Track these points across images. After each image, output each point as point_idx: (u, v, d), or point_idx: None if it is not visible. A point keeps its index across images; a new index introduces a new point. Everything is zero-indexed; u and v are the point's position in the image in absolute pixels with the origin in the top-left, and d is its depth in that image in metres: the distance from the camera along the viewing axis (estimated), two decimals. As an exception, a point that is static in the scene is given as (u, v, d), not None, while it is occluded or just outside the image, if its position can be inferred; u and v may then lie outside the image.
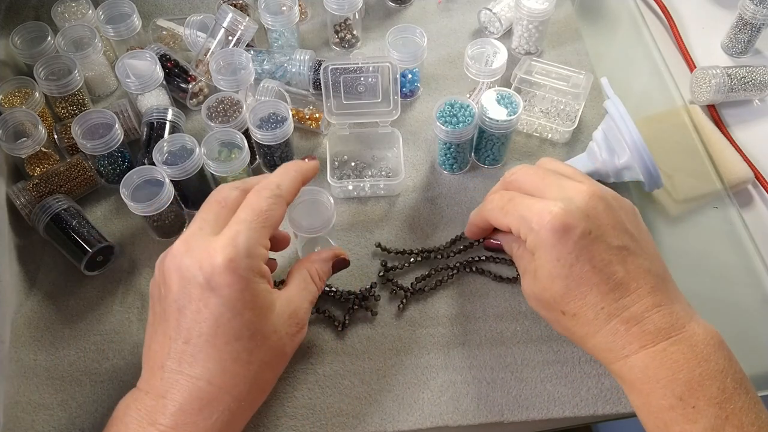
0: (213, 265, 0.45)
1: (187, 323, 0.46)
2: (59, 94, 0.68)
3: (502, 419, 0.55)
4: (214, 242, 0.47)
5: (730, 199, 0.69)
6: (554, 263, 0.48)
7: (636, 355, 0.46)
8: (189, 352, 0.46)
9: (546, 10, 0.73)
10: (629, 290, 0.47)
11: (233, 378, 0.46)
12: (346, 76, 0.65)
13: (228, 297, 0.45)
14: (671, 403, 0.44)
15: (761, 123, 0.77)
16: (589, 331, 0.48)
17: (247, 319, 0.46)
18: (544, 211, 0.48)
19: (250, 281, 0.46)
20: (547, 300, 0.50)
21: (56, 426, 0.55)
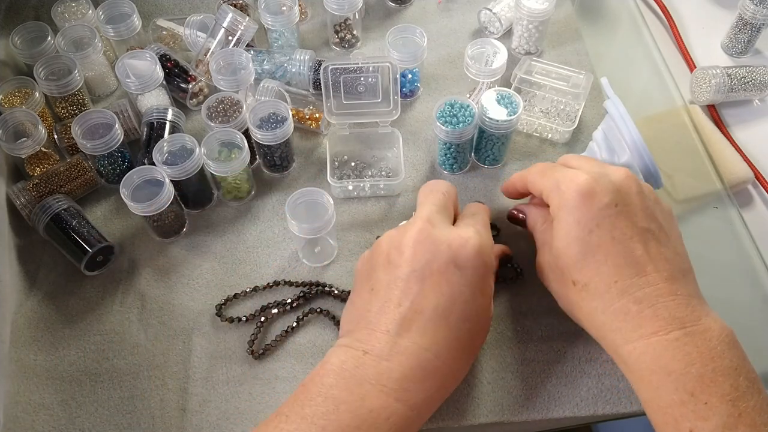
0: (465, 246, 0.48)
1: (423, 294, 0.47)
2: (59, 94, 0.68)
3: (502, 419, 0.55)
4: (463, 230, 0.50)
5: (730, 199, 0.69)
6: (573, 225, 0.48)
7: (647, 340, 0.44)
8: (420, 322, 0.46)
9: (546, 10, 0.73)
10: (646, 272, 0.46)
11: (455, 357, 0.47)
12: (346, 76, 0.65)
13: (471, 277, 0.48)
14: (682, 398, 0.42)
15: (761, 123, 0.77)
16: (599, 305, 0.47)
17: (479, 305, 0.49)
18: (576, 176, 0.50)
19: (490, 270, 0.50)
20: (560, 266, 0.49)
21: (56, 426, 0.56)
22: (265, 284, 0.62)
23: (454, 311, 0.47)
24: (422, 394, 0.45)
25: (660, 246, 0.48)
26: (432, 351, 0.46)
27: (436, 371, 0.46)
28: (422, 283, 0.47)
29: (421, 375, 0.45)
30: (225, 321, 0.60)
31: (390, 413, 0.44)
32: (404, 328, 0.46)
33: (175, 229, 0.65)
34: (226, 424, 0.55)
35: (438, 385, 0.46)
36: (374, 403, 0.43)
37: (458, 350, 0.48)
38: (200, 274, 0.63)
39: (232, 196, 0.67)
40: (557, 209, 0.50)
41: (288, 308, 0.60)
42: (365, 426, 0.43)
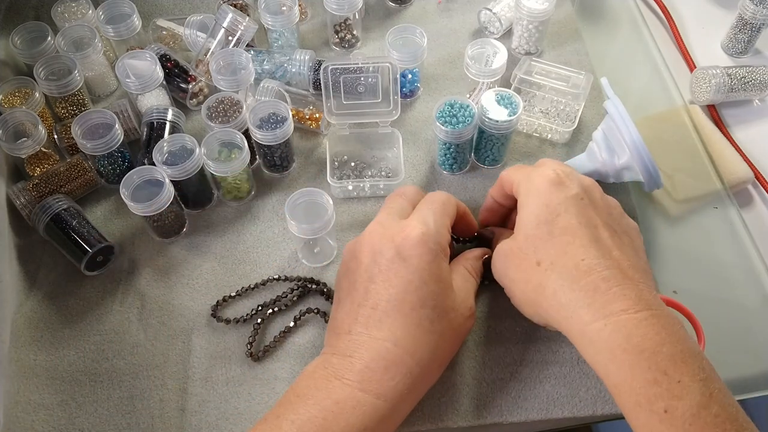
0: (406, 238, 0.50)
1: (376, 290, 0.49)
2: (59, 94, 0.68)
3: (501, 420, 0.55)
4: (407, 222, 0.52)
5: (730, 199, 0.69)
6: (542, 208, 0.50)
7: (617, 317, 0.44)
8: (376, 317, 0.49)
9: (546, 10, 0.73)
10: (611, 255, 0.47)
11: (415, 342, 0.48)
12: (346, 76, 0.65)
13: (417, 266, 0.49)
14: (656, 377, 0.42)
15: (761, 123, 0.77)
16: (566, 282, 0.47)
17: (431, 290, 0.49)
18: (546, 169, 0.52)
19: (437, 255, 0.51)
20: (524, 248, 0.50)
21: (56, 426, 0.56)
22: (258, 282, 0.62)
23: (407, 300, 0.49)
24: (387, 382, 0.47)
25: (622, 244, 0.49)
26: (390, 341, 0.48)
27: (397, 359, 0.47)
28: (374, 281, 0.50)
29: (383, 365, 0.47)
30: (221, 322, 0.60)
31: (356, 403, 0.46)
32: (362, 325, 0.49)
33: (175, 229, 0.65)
34: (225, 425, 0.55)
35: (404, 371, 0.47)
36: (339, 395, 0.46)
37: (419, 336, 0.48)
38: (200, 274, 0.63)
39: (232, 196, 0.68)
40: (525, 196, 0.51)
41: (284, 307, 0.61)
42: (331, 417, 0.45)
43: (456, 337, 0.52)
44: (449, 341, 0.51)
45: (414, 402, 0.50)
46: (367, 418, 0.46)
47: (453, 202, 0.56)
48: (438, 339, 0.50)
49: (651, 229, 0.67)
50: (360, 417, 0.45)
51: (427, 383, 0.51)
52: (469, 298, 0.53)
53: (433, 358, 0.49)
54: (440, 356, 0.51)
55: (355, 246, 0.53)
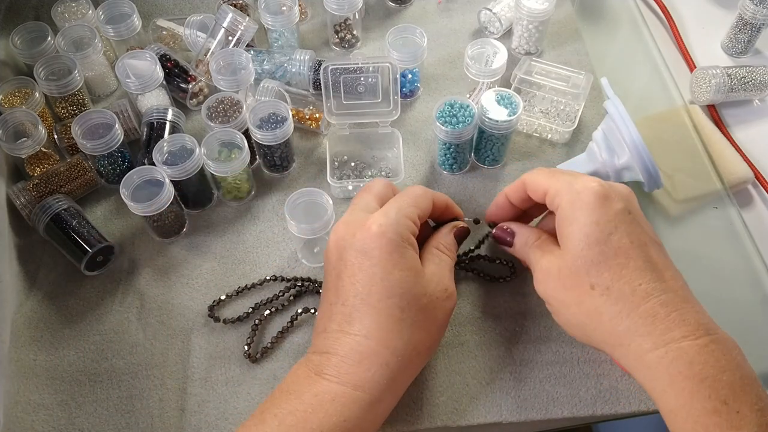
0: (366, 232, 0.50)
1: (344, 287, 0.50)
2: (59, 94, 0.68)
3: (501, 419, 0.55)
4: (370, 216, 0.52)
5: (730, 199, 0.69)
6: (593, 227, 0.47)
7: (678, 344, 0.43)
8: (347, 313, 0.50)
9: (546, 10, 0.73)
10: (665, 277, 0.46)
11: (388, 333, 0.49)
12: (346, 76, 0.65)
13: (379, 258, 0.50)
14: (716, 407, 0.41)
15: (761, 123, 0.77)
16: (624, 308, 0.45)
17: (397, 278, 0.49)
18: (590, 180, 0.50)
19: (399, 244, 0.50)
20: (576, 270, 0.48)
21: (56, 426, 0.56)
22: (255, 281, 0.62)
23: (374, 292, 0.49)
24: (363, 374, 0.48)
25: (666, 256, 0.49)
26: (362, 334, 0.49)
27: (371, 351, 0.48)
28: (341, 278, 0.51)
29: (357, 357, 0.48)
30: (218, 322, 0.60)
31: (334, 395, 0.47)
32: (336, 322, 0.50)
33: (175, 229, 0.65)
34: (224, 425, 0.55)
35: (379, 362, 0.48)
36: (318, 388, 0.47)
37: (390, 327, 0.49)
38: (200, 274, 0.63)
39: (232, 196, 0.68)
40: (571, 210, 0.49)
41: (280, 307, 0.61)
42: (311, 409, 0.46)
43: (433, 322, 0.51)
44: (426, 328, 0.51)
45: (399, 391, 0.51)
46: (347, 408, 0.47)
47: (426, 195, 0.55)
48: (411, 326, 0.49)
49: (651, 229, 0.67)
50: (338, 408, 0.46)
51: (410, 371, 0.51)
52: (442, 280, 0.53)
53: (410, 346, 0.49)
54: (418, 343, 0.50)
55: (326, 253, 0.54)
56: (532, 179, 0.54)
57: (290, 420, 0.46)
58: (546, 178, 0.53)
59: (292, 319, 0.60)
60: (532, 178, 0.54)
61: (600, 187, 0.49)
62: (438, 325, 0.52)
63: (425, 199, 0.55)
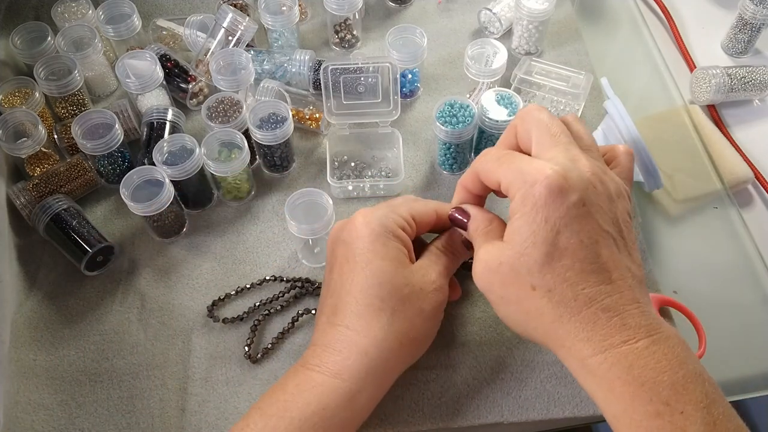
0: (352, 225, 0.52)
1: (333, 280, 0.52)
2: (59, 94, 0.68)
3: (502, 420, 0.55)
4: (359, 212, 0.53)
5: (730, 199, 0.69)
6: (541, 224, 0.44)
7: (618, 349, 0.42)
8: (333, 305, 0.51)
9: (546, 10, 0.73)
10: (611, 279, 0.44)
11: (368, 322, 0.49)
12: (346, 76, 0.65)
13: (360, 248, 0.51)
14: (657, 409, 0.40)
15: (761, 123, 0.77)
16: (565, 312, 0.44)
17: (376, 267, 0.50)
18: (544, 167, 0.45)
19: (380, 234, 0.51)
20: (518, 269, 0.45)
21: (56, 426, 0.56)
22: (254, 281, 0.62)
23: (355, 282, 0.50)
24: (342, 362, 0.48)
25: (619, 252, 0.46)
26: (343, 324, 0.50)
27: (349, 340, 0.49)
28: (332, 272, 0.53)
29: (337, 346, 0.49)
30: (218, 322, 0.60)
31: (314, 384, 0.48)
32: (325, 314, 0.52)
33: (175, 229, 0.65)
34: (225, 425, 0.55)
35: (357, 350, 0.49)
36: (301, 378, 0.49)
37: (369, 315, 0.49)
38: (200, 274, 0.63)
39: (232, 196, 0.68)
40: (520, 204, 0.45)
41: (279, 308, 0.61)
42: (290, 397, 0.48)
43: (418, 313, 0.51)
44: (407, 317, 0.50)
45: (382, 382, 0.51)
46: (325, 396, 0.47)
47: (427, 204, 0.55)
48: (392, 316, 0.49)
49: (651, 229, 0.67)
50: (317, 395, 0.47)
51: (393, 362, 0.50)
52: (429, 273, 0.52)
53: (391, 336, 0.49)
54: (400, 333, 0.49)
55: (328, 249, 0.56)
56: (483, 168, 0.50)
57: (271, 410, 0.47)
58: (497, 166, 0.48)
59: (293, 320, 0.60)
60: (483, 167, 0.50)
61: (554, 176, 0.44)
62: (423, 316, 0.51)
63: (422, 205, 0.55)
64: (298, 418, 0.46)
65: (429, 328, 0.53)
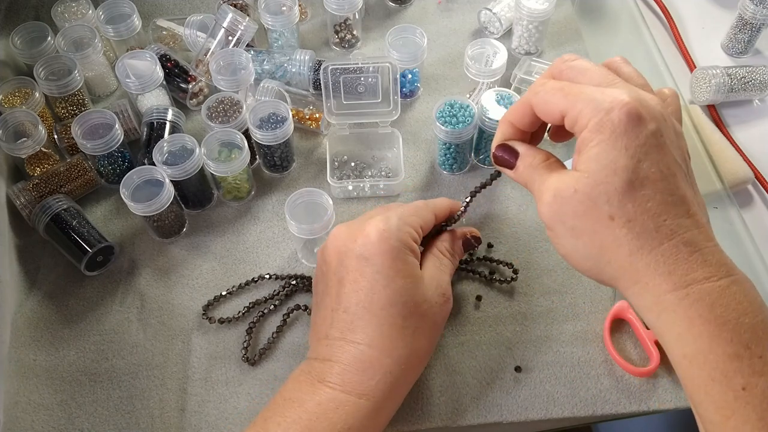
0: (366, 237, 0.50)
1: (346, 293, 0.50)
2: (59, 94, 0.68)
3: (501, 419, 0.55)
4: (370, 221, 0.51)
5: (730, 199, 0.69)
6: (622, 151, 0.41)
7: (700, 285, 0.40)
8: (348, 320, 0.49)
9: (546, 10, 0.73)
10: (690, 212, 0.42)
11: (391, 342, 0.49)
12: (346, 76, 0.65)
13: (381, 265, 0.49)
14: (737, 351, 0.39)
15: (761, 123, 0.77)
16: (646, 244, 0.41)
17: (399, 286, 0.49)
18: (620, 94, 0.42)
19: (400, 251, 0.50)
20: (596, 198, 0.42)
21: (56, 426, 0.56)
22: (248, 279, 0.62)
23: (375, 300, 0.49)
24: (367, 382, 0.48)
25: (693, 186, 0.44)
26: (365, 343, 0.49)
27: (374, 360, 0.48)
28: (343, 284, 0.50)
29: (360, 366, 0.48)
30: (214, 323, 0.60)
31: (338, 403, 0.47)
32: (338, 329, 0.50)
33: (175, 229, 0.65)
34: (224, 425, 0.55)
35: (383, 371, 0.48)
36: (322, 397, 0.47)
37: (393, 335, 0.49)
38: (200, 274, 0.63)
39: (232, 196, 0.68)
40: (597, 131, 0.42)
41: (272, 307, 0.61)
42: (314, 417, 0.46)
43: (433, 327, 0.52)
44: (426, 334, 0.51)
45: (400, 397, 0.51)
46: (351, 416, 0.47)
47: (428, 207, 0.56)
48: (413, 334, 0.50)
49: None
50: (343, 416, 0.46)
51: (411, 377, 0.52)
52: (441, 284, 0.53)
53: (412, 353, 0.50)
54: (419, 350, 0.51)
55: (324, 250, 0.54)
56: (542, 99, 0.46)
57: (294, 429, 0.46)
58: (561, 97, 0.45)
59: (284, 318, 0.60)
60: (542, 97, 0.46)
61: (633, 103, 0.42)
62: (437, 329, 0.53)
63: (426, 211, 0.55)
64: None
65: (437, 338, 0.54)
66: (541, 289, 0.61)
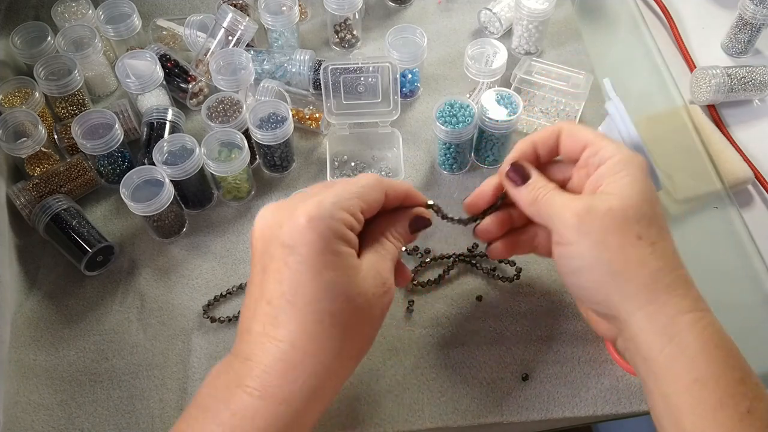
0: (295, 223, 0.44)
1: (269, 284, 0.44)
2: (59, 94, 0.68)
3: (501, 419, 0.55)
4: (301, 205, 0.45)
5: (730, 199, 0.69)
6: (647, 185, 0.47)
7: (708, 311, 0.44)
8: (272, 313, 0.44)
9: (546, 10, 0.73)
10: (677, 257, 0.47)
11: (316, 341, 0.43)
12: (346, 76, 0.65)
13: (307, 256, 0.43)
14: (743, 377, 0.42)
15: (761, 123, 0.77)
16: (667, 265, 0.45)
17: (328, 280, 0.43)
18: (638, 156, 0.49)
19: (331, 241, 0.44)
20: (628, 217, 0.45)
21: (56, 426, 0.56)
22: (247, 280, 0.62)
23: (300, 294, 0.43)
24: (288, 386, 0.43)
25: None
26: (287, 341, 0.43)
27: (297, 362, 0.43)
28: (266, 272, 0.45)
29: (281, 368, 0.43)
30: (214, 323, 0.60)
31: (254, 412, 0.42)
32: (260, 323, 0.44)
33: (175, 229, 0.65)
34: (225, 424, 0.55)
35: (306, 373, 0.43)
36: (237, 405, 0.42)
37: (319, 334, 0.43)
38: (200, 274, 0.63)
39: (232, 196, 0.68)
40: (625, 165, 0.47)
41: None
42: (229, 430, 0.42)
43: (368, 322, 0.46)
44: (360, 330, 0.46)
45: (327, 400, 0.46)
46: (270, 425, 0.42)
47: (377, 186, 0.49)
48: (343, 331, 0.44)
49: (651, 229, 0.67)
50: (260, 425, 0.42)
51: (340, 378, 0.46)
52: (380, 273, 0.47)
53: (342, 353, 0.44)
54: (350, 349, 0.46)
55: (252, 232, 0.47)
56: (573, 129, 0.51)
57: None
58: (589, 132, 0.50)
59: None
60: (573, 128, 0.51)
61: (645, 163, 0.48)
62: (374, 324, 0.47)
63: (374, 191, 0.48)
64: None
65: (376, 333, 0.48)
66: (541, 289, 0.61)
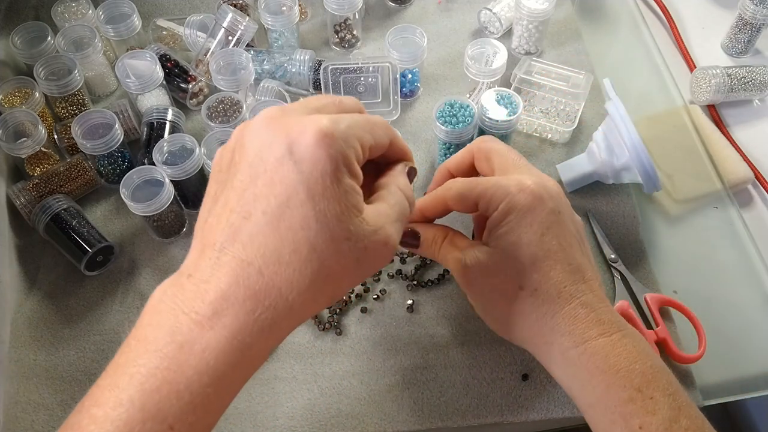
0: (305, 131, 0.38)
1: (253, 194, 0.38)
2: (59, 94, 0.68)
3: (502, 419, 0.55)
4: (314, 117, 0.39)
5: (730, 199, 0.69)
6: (527, 228, 0.48)
7: (596, 341, 0.46)
8: (246, 230, 0.38)
9: (546, 10, 0.73)
10: (585, 278, 0.48)
11: (287, 273, 0.38)
12: (346, 76, 0.65)
13: (308, 174, 0.37)
14: (631, 395, 0.44)
15: (761, 123, 0.77)
16: (549, 310, 0.47)
17: (320, 209, 0.38)
18: (524, 179, 0.49)
19: (338, 168, 0.38)
20: (506, 271, 0.48)
21: (56, 426, 0.55)
22: None
23: (285, 216, 0.37)
24: (243, 317, 0.37)
25: (587, 254, 0.50)
26: (255, 265, 0.37)
27: (260, 291, 0.37)
28: (255, 182, 0.38)
29: (241, 294, 0.37)
30: None
31: (204, 346, 0.36)
32: (230, 239, 0.38)
33: (175, 229, 0.65)
34: (224, 425, 0.55)
35: (267, 305, 0.37)
36: (185, 336, 0.36)
37: (293, 265, 0.38)
38: (200, 274, 0.63)
39: (231, 196, 0.67)
40: (503, 214, 0.48)
41: None
42: (175, 366, 0.36)
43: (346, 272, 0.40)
44: (334, 277, 0.39)
45: (277, 338, 0.40)
46: (215, 361, 0.36)
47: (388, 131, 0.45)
48: (318, 269, 0.38)
49: (651, 229, 0.67)
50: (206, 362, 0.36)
51: (297, 319, 0.40)
52: (386, 226, 0.41)
53: (308, 293, 0.38)
54: (317, 291, 0.39)
55: (243, 131, 0.40)
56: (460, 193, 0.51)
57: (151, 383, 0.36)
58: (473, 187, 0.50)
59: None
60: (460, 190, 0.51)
61: (534, 186, 0.48)
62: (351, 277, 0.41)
63: (384, 132, 0.44)
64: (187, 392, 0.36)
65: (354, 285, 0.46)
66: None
